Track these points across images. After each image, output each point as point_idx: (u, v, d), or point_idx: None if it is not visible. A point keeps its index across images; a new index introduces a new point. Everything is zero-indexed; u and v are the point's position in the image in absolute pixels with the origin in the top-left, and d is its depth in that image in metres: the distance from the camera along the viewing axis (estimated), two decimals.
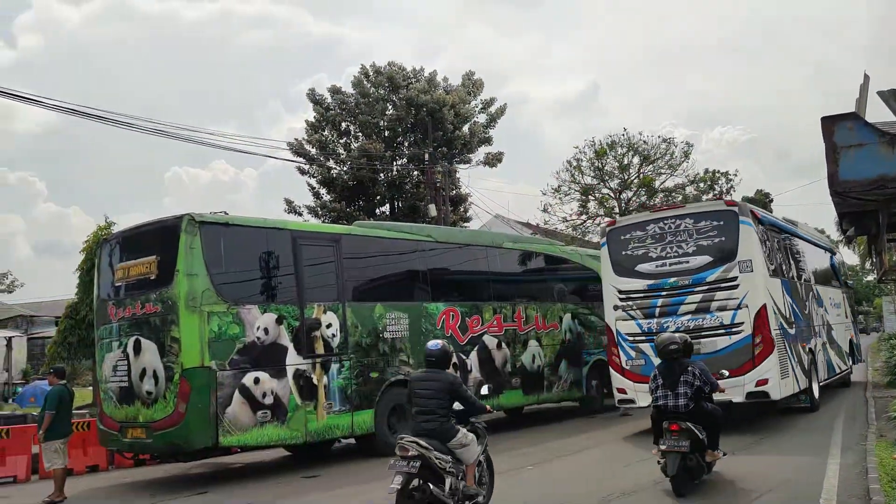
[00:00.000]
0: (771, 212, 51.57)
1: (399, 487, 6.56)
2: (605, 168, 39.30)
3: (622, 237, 13.55)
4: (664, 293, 12.81)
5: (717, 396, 9.08)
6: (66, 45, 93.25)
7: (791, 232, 16.05)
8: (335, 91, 32.00)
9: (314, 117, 31.79)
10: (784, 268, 14.34)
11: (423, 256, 13.92)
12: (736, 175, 44.64)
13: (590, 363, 16.98)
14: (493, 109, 33.39)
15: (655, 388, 8.67)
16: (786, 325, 13.24)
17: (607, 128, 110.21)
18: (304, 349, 11.45)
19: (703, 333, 12.17)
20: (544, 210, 39.72)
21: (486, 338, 14.56)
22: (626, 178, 39.40)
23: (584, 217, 40.00)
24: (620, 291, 13.36)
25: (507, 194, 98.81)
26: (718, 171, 52.77)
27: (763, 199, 54.96)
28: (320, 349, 11.69)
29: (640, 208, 40.14)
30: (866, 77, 6.91)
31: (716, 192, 51.08)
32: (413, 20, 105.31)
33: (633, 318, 13.14)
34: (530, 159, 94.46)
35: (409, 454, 6.72)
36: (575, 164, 39.41)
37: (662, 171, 39.80)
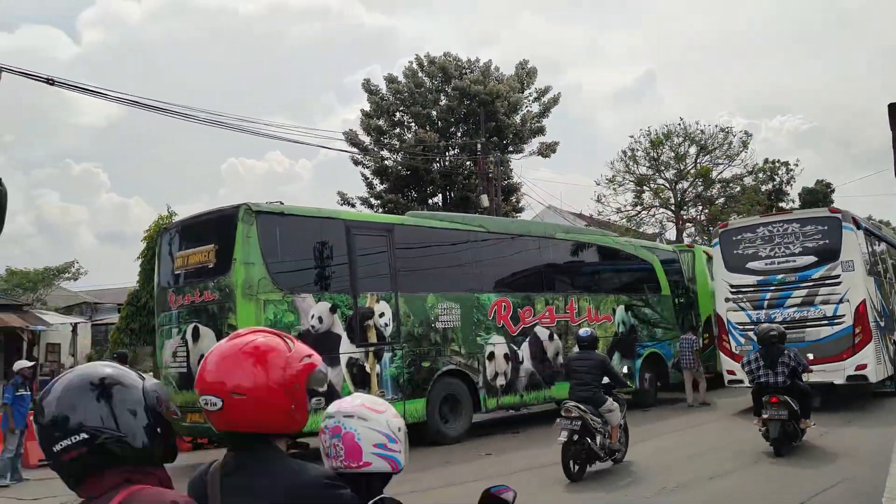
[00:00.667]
0: (832, 202, 50.25)
1: (565, 440, 8.80)
2: (661, 158, 38.73)
3: (733, 238, 15.18)
4: (772, 288, 14.44)
5: (817, 378, 11.58)
6: (127, 40, 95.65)
7: (879, 235, 17.42)
8: (391, 80, 32.12)
9: (369, 107, 32.00)
10: (876, 268, 15.74)
11: (476, 247, 13.92)
12: (797, 165, 43.57)
13: (643, 356, 16.78)
14: (546, 99, 33.11)
15: (757, 368, 10.29)
16: (878, 318, 14.55)
17: (663, 117, 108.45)
18: (357, 338, 11.58)
19: (807, 324, 13.91)
20: (598, 200, 39.38)
21: (537, 329, 14.50)
22: (682, 168, 38.76)
23: (638, 208, 39.51)
24: (732, 286, 14.92)
25: (560, 185, 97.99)
26: (779, 161, 51.43)
27: (824, 190, 53.43)
28: (373, 338, 11.81)
29: (697, 200, 39.47)
30: None
31: (775, 182, 49.83)
32: (465, 10, 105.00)
33: (742, 309, 14.69)
34: (583, 150, 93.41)
35: (572, 415, 8.90)
36: (630, 154, 38.96)
37: (720, 161, 39.05)
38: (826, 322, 13.79)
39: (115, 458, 1.75)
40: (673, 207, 39.18)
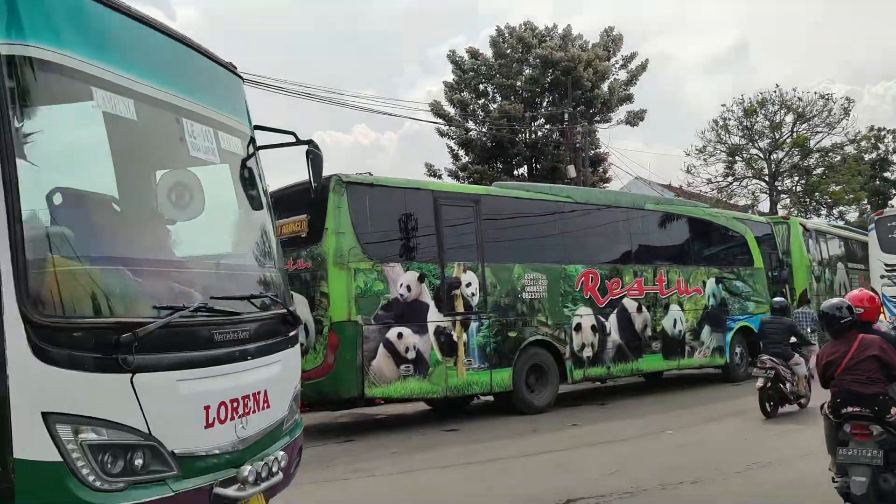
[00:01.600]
0: None
1: (762, 385, 11.21)
2: (755, 127, 37.37)
3: (888, 224, 18.45)
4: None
5: None
6: (218, 15, 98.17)
7: None
8: (473, 54, 32.01)
9: (453, 79, 31.99)
10: None
11: (563, 217, 13.82)
12: None
13: (734, 329, 16.38)
14: (633, 66, 32.34)
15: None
16: None
17: (757, 85, 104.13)
18: (444, 307, 11.72)
19: None
20: (687, 171, 38.40)
21: (626, 301, 14.33)
22: (777, 137, 37.31)
23: (730, 179, 38.33)
24: (886, 265, 17.88)
25: (648, 155, 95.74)
26: (885, 129, 48.66)
27: None
28: (460, 307, 11.93)
29: (793, 170, 37.99)
30: None
31: (880, 151, 47.30)
32: None
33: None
34: (672, 119, 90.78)
35: (767, 366, 11.22)
36: (721, 123, 37.74)
37: (819, 129, 37.38)
38: None
39: None
40: (767, 178, 37.82)
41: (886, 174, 49.45)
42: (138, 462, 3.33)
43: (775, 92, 36.74)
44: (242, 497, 3.84)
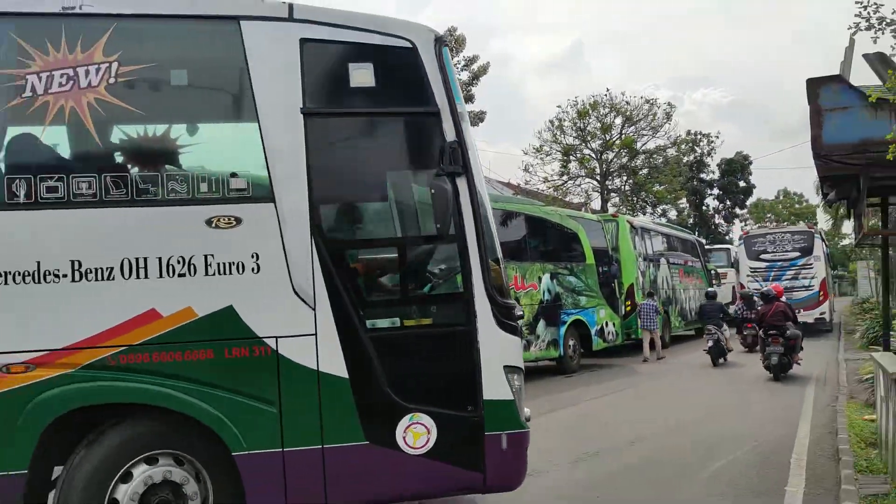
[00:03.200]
0: (750, 174, 52.25)
1: (711, 345, 17.40)
2: (588, 128, 39.15)
3: (752, 240, 26.41)
4: (775, 270, 25.40)
5: (802, 320, 18.90)
6: None
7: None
8: None
9: None
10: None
11: None
12: (717, 137, 44.74)
13: (567, 323, 17.04)
14: (475, 67, 32.98)
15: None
16: (831, 286, 29.34)
17: (591, 88, 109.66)
18: None
19: (794, 289, 24.27)
20: (525, 170, 39.62)
21: None
22: (607, 138, 39.29)
23: (565, 177, 39.95)
24: (751, 268, 25.85)
25: (490, 153, 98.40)
26: (700, 133, 52.69)
27: (742, 162, 55.26)
28: None
29: (621, 170, 40.19)
30: (852, 40, 6.83)
31: (696, 154, 51.13)
32: None
33: (756, 280, 24.69)
34: (514, 119, 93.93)
35: (712, 332, 17.51)
36: (557, 124, 39.23)
37: (644, 132, 39.74)
38: (804, 289, 24.92)
39: None
40: (598, 177, 39.77)
41: (703, 175, 53.61)
42: (523, 394, 5.20)
43: (606, 95, 38.68)
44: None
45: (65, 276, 4.40)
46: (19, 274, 4.36)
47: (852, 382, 13.45)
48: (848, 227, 36.40)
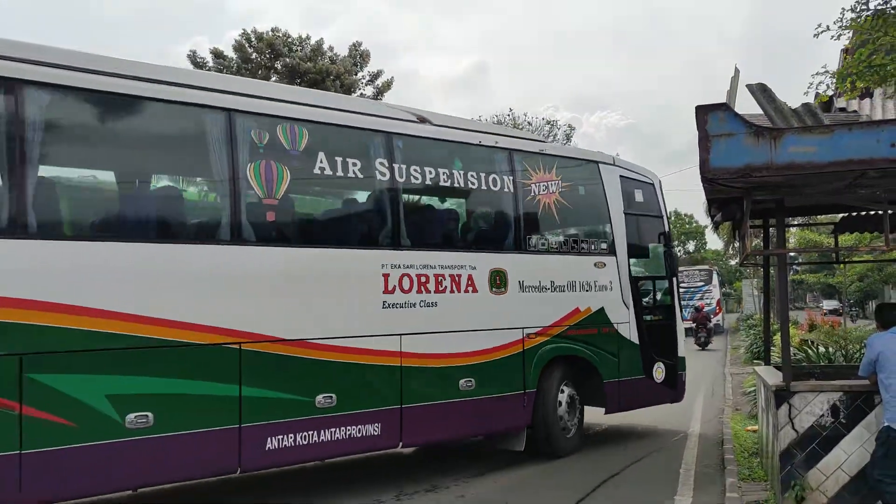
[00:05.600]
0: None
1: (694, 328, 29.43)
2: None
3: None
4: (690, 292, 34.97)
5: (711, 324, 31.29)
6: None
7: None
8: (217, 55, 30.72)
9: None
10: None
11: None
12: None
13: None
14: (379, 82, 32.96)
15: (695, 318, 29.61)
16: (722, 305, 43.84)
17: (495, 107, 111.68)
18: None
19: (705, 307, 32.68)
20: None
21: None
22: None
23: None
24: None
25: None
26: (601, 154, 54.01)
27: None
28: None
29: None
30: (737, 70, 7.21)
31: None
32: None
33: (683, 298, 30.37)
34: None
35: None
36: None
37: None
38: (708, 305, 34.30)
39: None
40: None
41: None
42: None
43: (508, 115, 39.40)
44: None
45: (545, 288, 9.05)
46: (536, 287, 8.98)
47: (737, 395, 14.10)
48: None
